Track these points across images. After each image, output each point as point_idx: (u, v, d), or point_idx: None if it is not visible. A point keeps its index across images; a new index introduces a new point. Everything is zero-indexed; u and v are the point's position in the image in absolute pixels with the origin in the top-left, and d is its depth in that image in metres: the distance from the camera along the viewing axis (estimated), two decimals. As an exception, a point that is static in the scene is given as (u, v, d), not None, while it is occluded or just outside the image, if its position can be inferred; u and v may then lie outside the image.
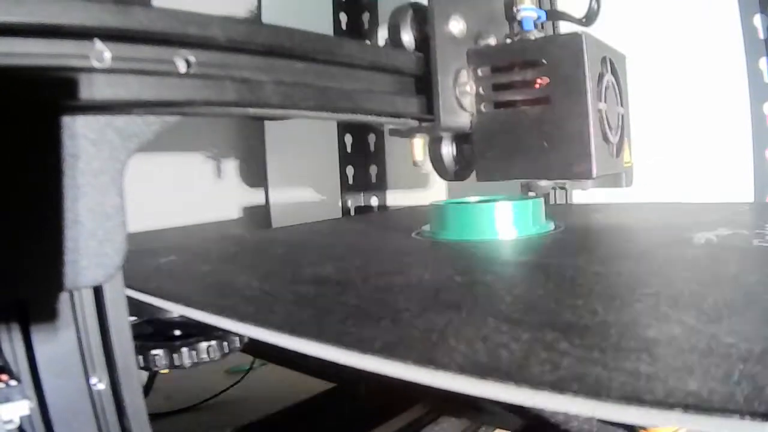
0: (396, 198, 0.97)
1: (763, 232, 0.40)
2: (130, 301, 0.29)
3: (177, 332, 0.35)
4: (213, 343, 0.33)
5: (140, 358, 0.33)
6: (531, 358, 0.19)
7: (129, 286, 0.31)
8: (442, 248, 0.44)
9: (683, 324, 0.21)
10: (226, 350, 0.34)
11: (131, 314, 0.34)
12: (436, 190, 0.90)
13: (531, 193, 0.56)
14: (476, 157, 0.43)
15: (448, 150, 0.47)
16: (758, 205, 0.62)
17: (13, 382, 0.20)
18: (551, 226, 0.49)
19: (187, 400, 0.68)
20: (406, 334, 0.23)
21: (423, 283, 0.32)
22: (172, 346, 0.33)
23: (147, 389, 0.58)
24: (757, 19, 0.63)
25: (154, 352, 0.33)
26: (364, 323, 0.24)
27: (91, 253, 0.22)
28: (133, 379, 0.25)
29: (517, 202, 0.47)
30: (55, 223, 0.22)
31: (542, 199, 0.50)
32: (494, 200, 0.48)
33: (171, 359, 0.33)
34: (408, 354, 0.20)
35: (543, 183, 0.54)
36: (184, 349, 0.33)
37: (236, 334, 0.34)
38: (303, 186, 1.06)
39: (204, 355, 0.33)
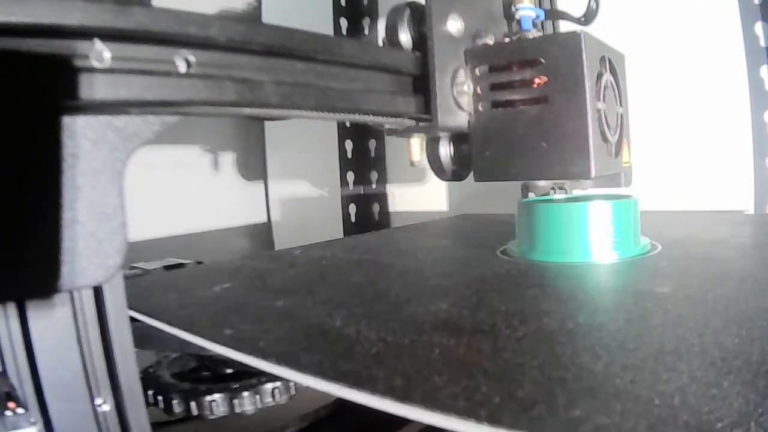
0: (396, 202, 0.97)
1: None
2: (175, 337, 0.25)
3: (228, 370, 0.30)
4: (278, 384, 0.28)
5: (192, 404, 0.28)
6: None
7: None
8: (547, 276, 0.37)
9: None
10: (293, 391, 0.29)
11: (173, 348, 0.30)
12: (436, 194, 0.90)
13: (530, 194, 0.56)
14: (474, 157, 0.43)
15: (445, 150, 0.47)
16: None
17: (20, 410, 0.20)
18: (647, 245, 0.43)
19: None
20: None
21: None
22: (231, 389, 0.28)
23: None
24: (759, 27, 0.63)
25: (209, 398, 0.28)
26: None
27: (90, 253, 0.22)
28: (138, 399, 0.25)
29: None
30: (55, 222, 0.22)
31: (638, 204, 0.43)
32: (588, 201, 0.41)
33: (231, 405, 0.28)
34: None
35: (542, 183, 0.54)
36: (246, 393, 0.28)
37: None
38: (303, 191, 1.06)
39: (269, 399, 0.28)
